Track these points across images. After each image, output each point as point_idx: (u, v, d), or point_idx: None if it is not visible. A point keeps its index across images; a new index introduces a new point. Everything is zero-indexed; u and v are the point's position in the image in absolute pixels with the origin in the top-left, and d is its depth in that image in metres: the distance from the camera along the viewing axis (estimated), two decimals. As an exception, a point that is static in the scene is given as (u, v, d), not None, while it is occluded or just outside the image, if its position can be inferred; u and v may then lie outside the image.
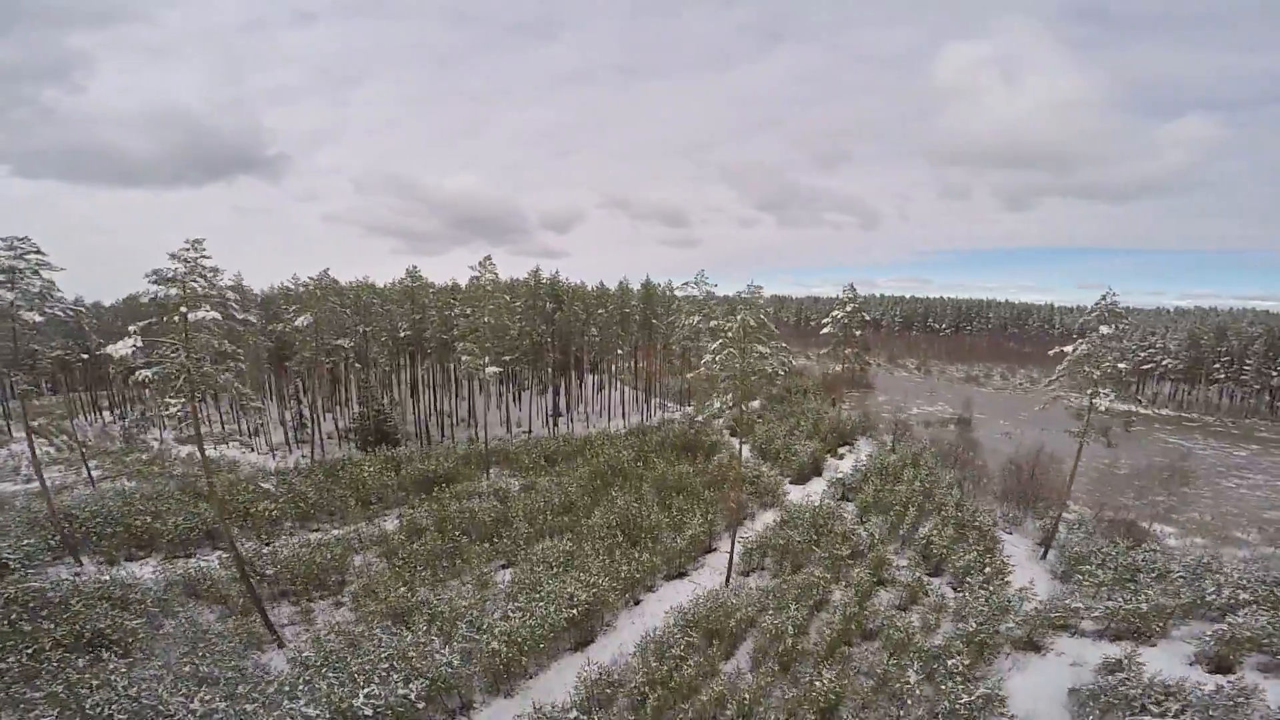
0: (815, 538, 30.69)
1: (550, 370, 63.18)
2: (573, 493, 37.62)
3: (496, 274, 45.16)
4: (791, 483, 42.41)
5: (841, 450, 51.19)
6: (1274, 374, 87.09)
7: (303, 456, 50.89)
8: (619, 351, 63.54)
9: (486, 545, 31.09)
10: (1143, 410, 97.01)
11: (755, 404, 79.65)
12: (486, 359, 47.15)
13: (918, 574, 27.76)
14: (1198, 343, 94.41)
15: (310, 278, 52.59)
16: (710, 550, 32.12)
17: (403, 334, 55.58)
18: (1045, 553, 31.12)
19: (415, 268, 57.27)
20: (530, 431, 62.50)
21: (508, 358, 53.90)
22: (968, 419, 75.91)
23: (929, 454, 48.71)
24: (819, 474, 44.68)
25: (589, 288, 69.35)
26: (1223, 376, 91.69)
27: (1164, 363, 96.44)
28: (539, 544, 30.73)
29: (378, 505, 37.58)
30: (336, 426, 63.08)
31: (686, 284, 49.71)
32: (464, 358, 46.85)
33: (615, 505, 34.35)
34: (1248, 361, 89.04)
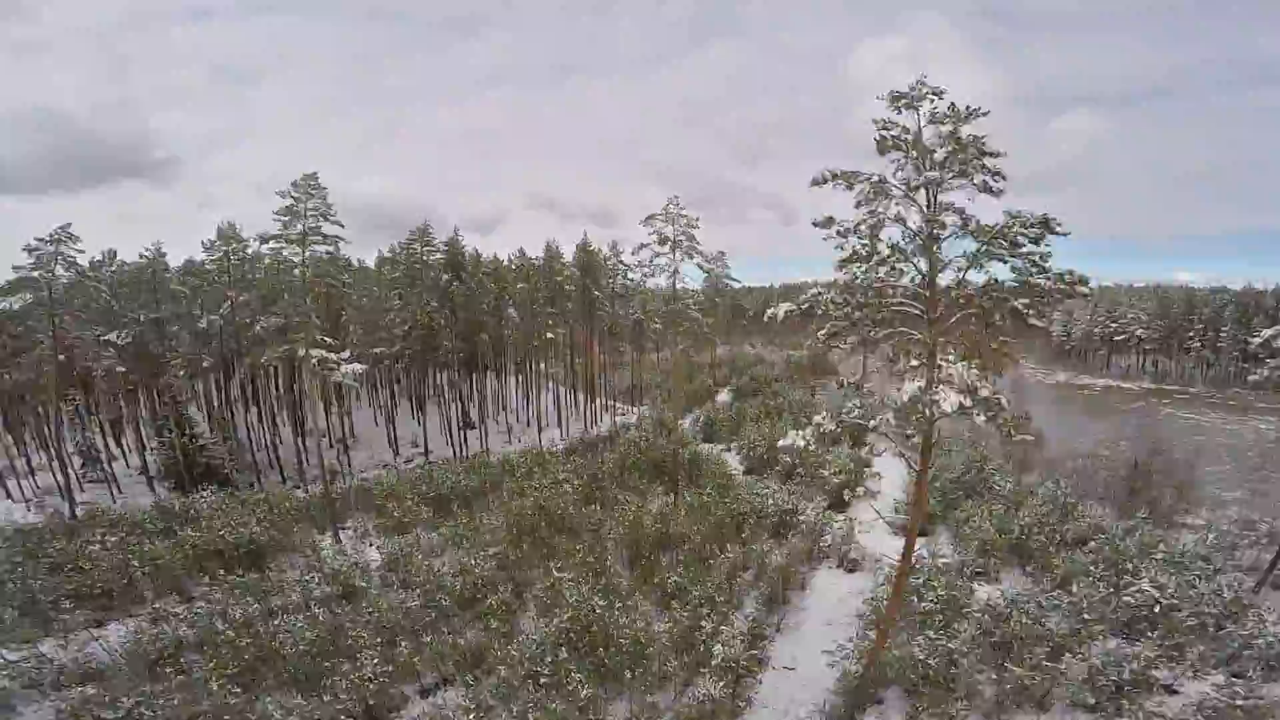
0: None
1: (455, 369, 46.09)
2: (480, 568, 21.46)
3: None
4: (829, 507, 28.08)
5: (863, 455, 37.79)
6: (1248, 342, 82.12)
7: (78, 507, 31.38)
8: (548, 336, 46.92)
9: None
10: (1125, 385, 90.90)
11: (722, 396, 66.32)
12: (347, 353, 30.33)
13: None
14: (1169, 313, 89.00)
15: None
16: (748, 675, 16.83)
17: (205, 323, 36.51)
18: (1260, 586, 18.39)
19: (231, 223, 38.04)
20: (429, 453, 45.20)
21: (380, 350, 36.76)
22: (962, 405, 64.95)
23: (978, 451, 35.93)
24: (854, 492, 30.73)
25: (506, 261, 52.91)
26: (1199, 346, 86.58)
27: (1137, 333, 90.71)
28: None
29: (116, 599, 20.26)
30: (146, 460, 43.30)
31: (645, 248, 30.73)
32: (309, 353, 29.37)
33: (559, 596, 18.65)
34: (1223, 329, 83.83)
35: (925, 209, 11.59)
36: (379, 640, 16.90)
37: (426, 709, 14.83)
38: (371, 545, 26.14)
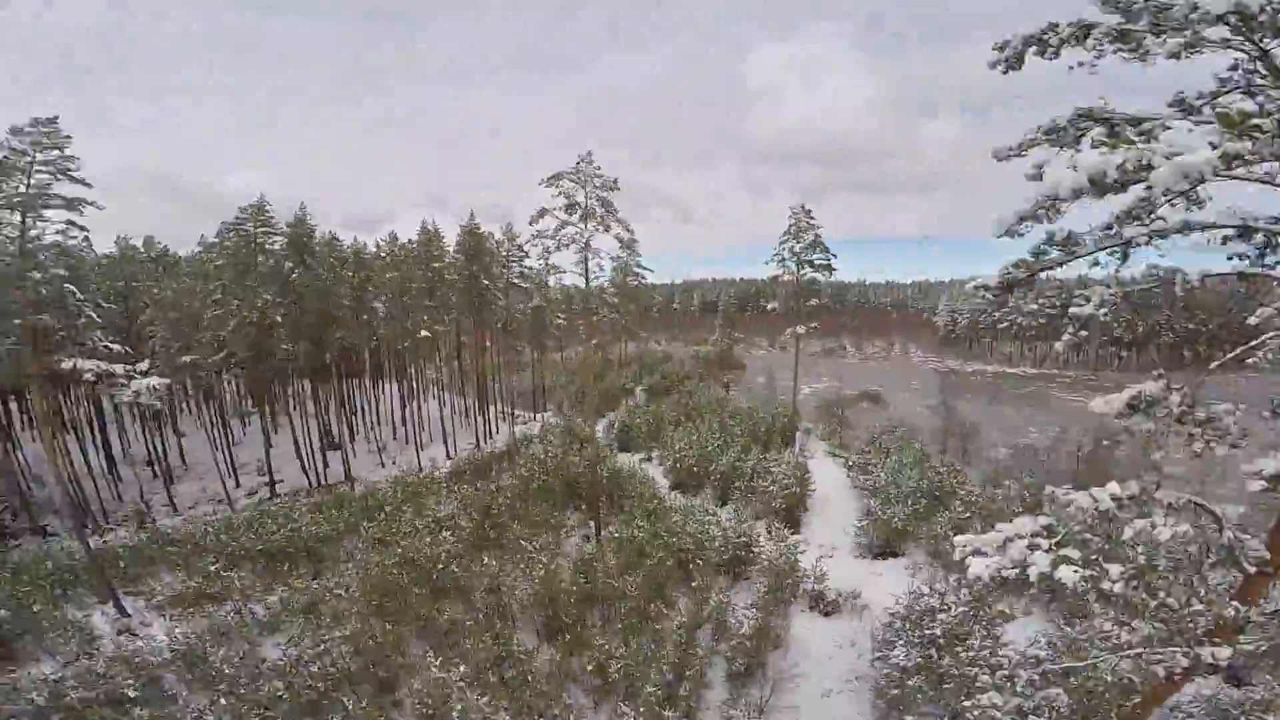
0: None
1: (305, 377, 37.25)
2: (327, 656, 14.54)
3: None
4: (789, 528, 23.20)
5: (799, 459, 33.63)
6: (1117, 326, 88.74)
7: None
8: (424, 334, 38.83)
9: None
10: (1011, 370, 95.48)
11: (639, 395, 60.95)
12: (145, 364, 21.94)
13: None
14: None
15: None
16: None
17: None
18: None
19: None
20: (278, 483, 36.29)
21: (193, 358, 27.80)
22: (876, 394, 63.87)
23: (916, 451, 32.83)
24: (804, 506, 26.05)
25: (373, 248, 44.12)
26: (1075, 330, 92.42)
27: (1018, 320, 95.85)
28: None
29: None
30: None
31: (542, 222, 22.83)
32: (76, 366, 20.46)
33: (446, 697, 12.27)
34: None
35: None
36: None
37: None
38: (168, 619, 18.26)
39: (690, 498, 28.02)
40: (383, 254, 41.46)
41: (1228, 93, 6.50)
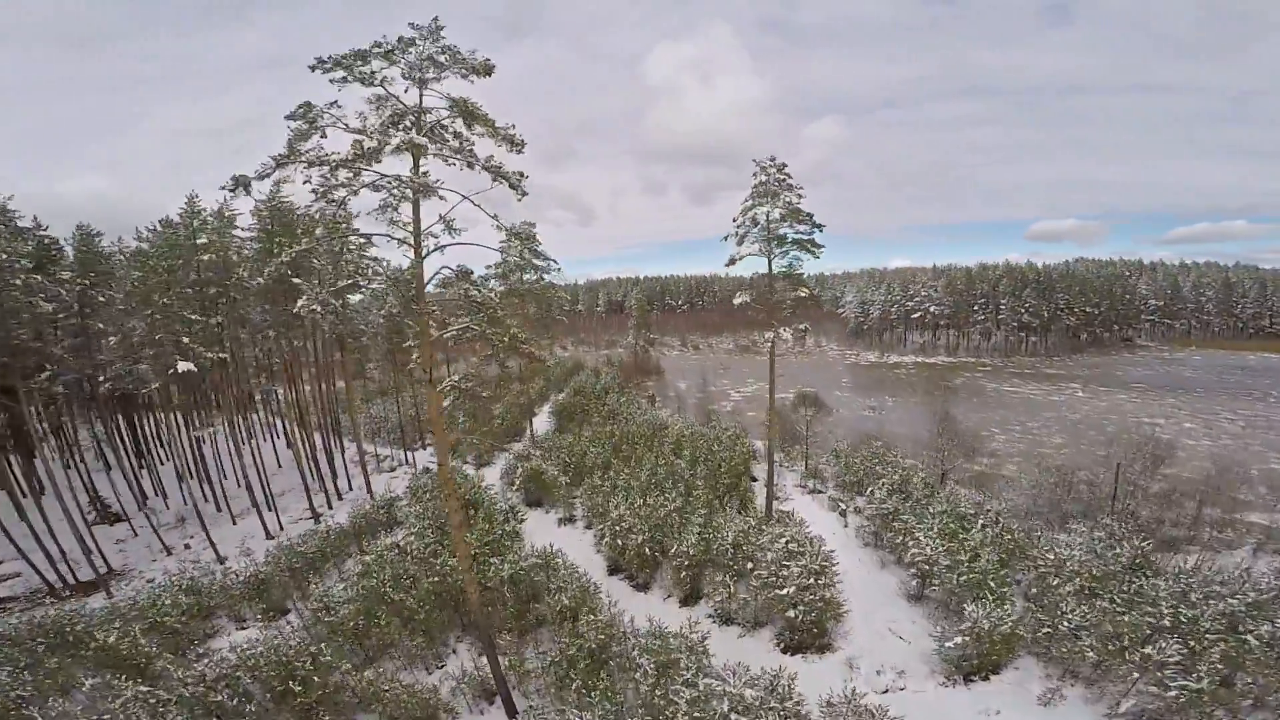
0: None
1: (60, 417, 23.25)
2: None
3: None
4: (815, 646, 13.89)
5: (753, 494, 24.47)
6: (1023, 312, 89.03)
7: None
8: (182, 368, 24.68)
9: None
10: (930, 360, 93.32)
11: (543, 419, 49.53)
12: None
13: None
14: (955, 289, 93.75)
15: None
16: None
17: None
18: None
19: None
20: (7, 581, 22.17)
21: None
22: (811, 395, 56.74)
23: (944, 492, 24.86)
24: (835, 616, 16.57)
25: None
26: (982, 319, 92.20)
27: (931, 309, 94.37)
28: None
29: None
30: None
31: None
32: None
33: None
34: (1002, 302, 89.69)
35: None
36: None
37: None
38: None
39: (640, 590, 18.03)
40: (124, 250, 27.53)
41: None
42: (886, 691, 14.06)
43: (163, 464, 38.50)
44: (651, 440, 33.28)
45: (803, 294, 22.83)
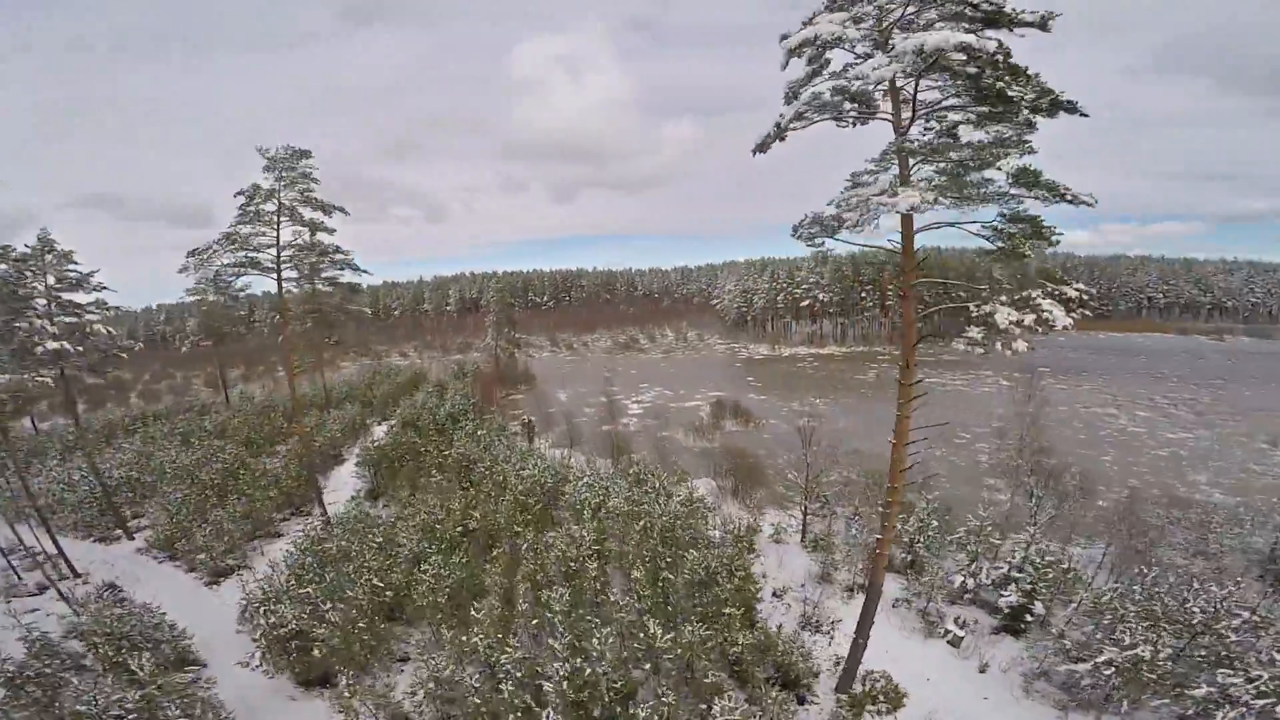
0: None
1: None
2: None
3: None
4: None
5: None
6: (888, 296, 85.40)
7: None
8: None
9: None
10: (824, 352, 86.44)
11: (352, 466, 30.54)
12: None
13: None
14: (843, 277, 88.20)
15: None
16: None
17: None
18: None
19: None
20: None
21: None
22: (735, 404, 44.57)
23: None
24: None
25: None
26: (871, 306, 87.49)
27: (819, 298, 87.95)
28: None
29: None
30: None
31: None
32: None
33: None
34: (890, 288, 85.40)
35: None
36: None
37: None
38: None
39: None
40: None
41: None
42: None
43: None
44: (541, 518, 18.28)
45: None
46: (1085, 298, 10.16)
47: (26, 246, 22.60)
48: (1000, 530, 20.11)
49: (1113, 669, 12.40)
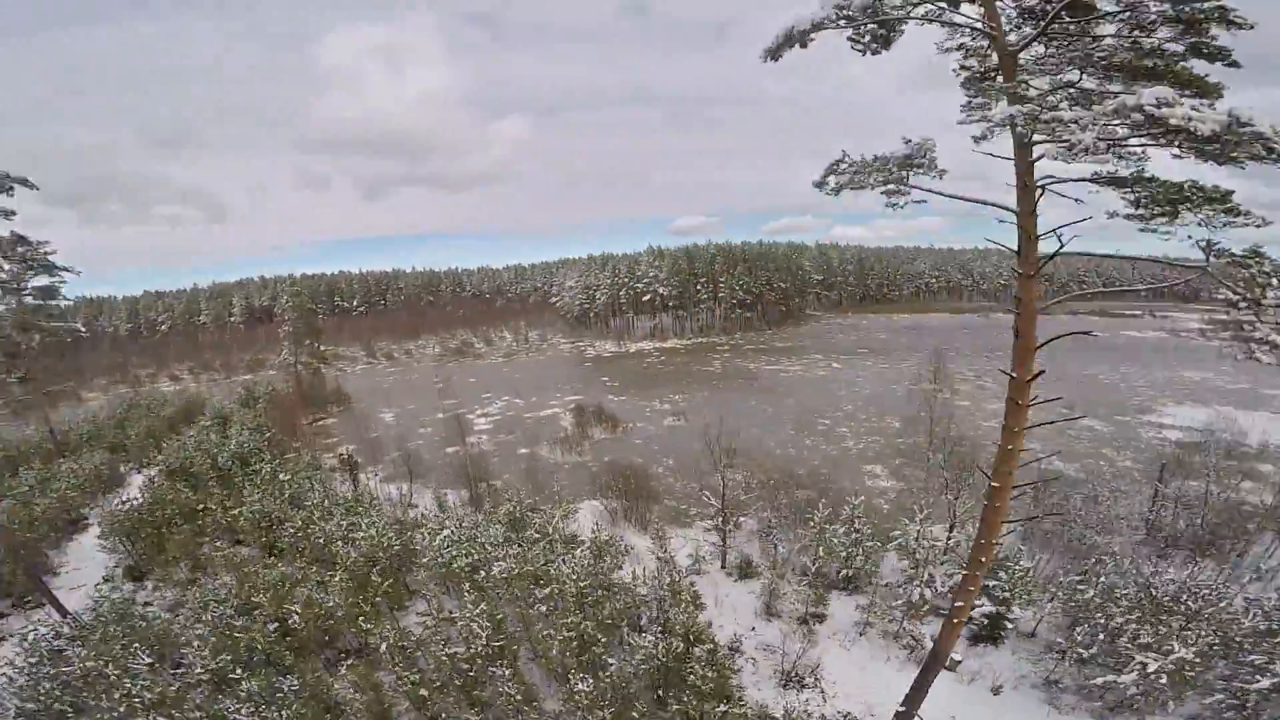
0: None
1: None
2: None
3: None
4: None
5: None
6: (738, 289, 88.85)
7: None
8: None
9: None
10: (672, 345, 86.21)
11: (131, 493, 20.88)
12: None
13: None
14: (679, 269, 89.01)
15: None
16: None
17: None
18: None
19: None
20: None
21: None
22: (594, 406, 41.08)
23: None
24: None
25: None
26: (706, 298, 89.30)
27: (660, 291, 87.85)
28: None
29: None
30: None
31: None
32: None
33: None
34: (721, 280, 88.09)
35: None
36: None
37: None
38: None
39: None
40: None
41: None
42: None
43: None
44: (394, 596, 13.25)
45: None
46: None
47: None
48: (919, 522, 19.05)
49: (1161, 675, 11.36)
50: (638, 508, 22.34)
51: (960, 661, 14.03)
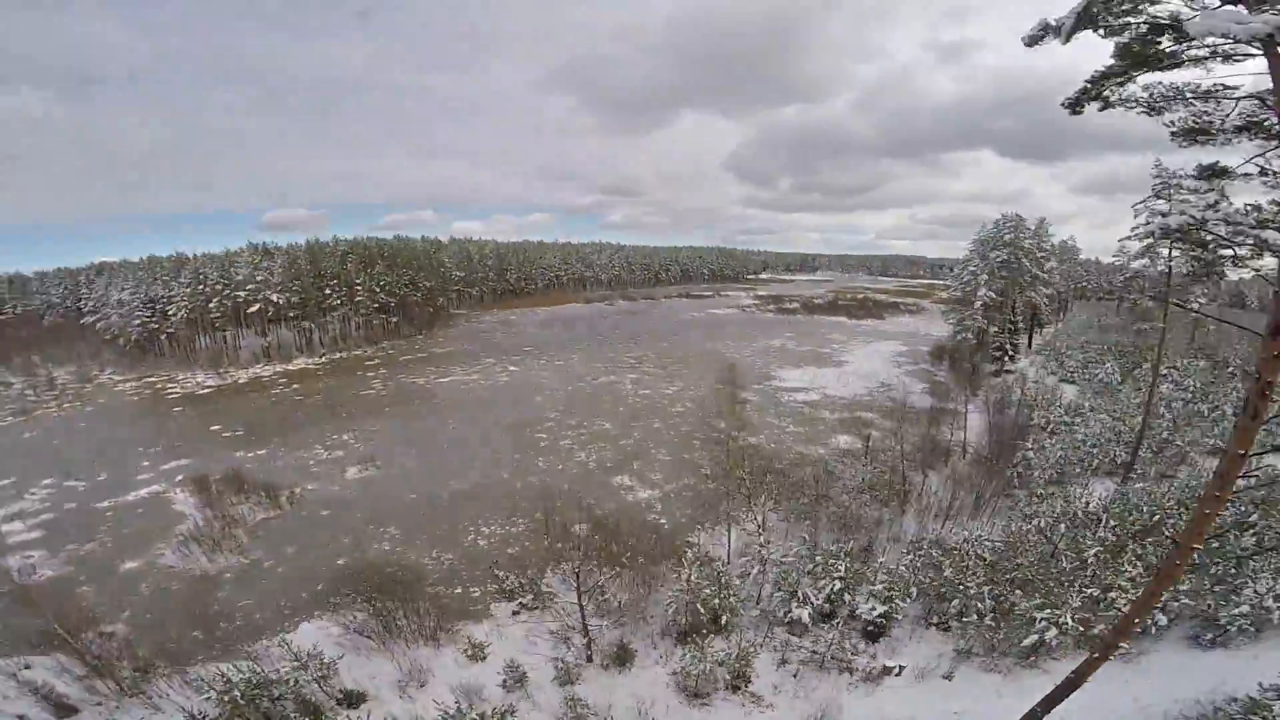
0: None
1: None
2: None
3: None
4: None
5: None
6: (379, 291, 77.42)
7: None
8: None
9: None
10: (305, 367, 68.54)
11: None
12: None
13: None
14: (300, 270, 71.94)
15: None
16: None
17: None
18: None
19: None
20: None
21: None
22: (225, 473, 28.72)
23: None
24: None
25: None
26: (339, 304, 74.32)
27: (273, 298, 69.12)
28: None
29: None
30: None
31: None
32: None
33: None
34: (358, 282, 75.31)
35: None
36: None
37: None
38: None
39: None
40: None
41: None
42: None
43: None
44: None
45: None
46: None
47: None
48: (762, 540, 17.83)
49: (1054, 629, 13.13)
50: (395, 613, 15.35)
51: (905, 666, 13.92)
